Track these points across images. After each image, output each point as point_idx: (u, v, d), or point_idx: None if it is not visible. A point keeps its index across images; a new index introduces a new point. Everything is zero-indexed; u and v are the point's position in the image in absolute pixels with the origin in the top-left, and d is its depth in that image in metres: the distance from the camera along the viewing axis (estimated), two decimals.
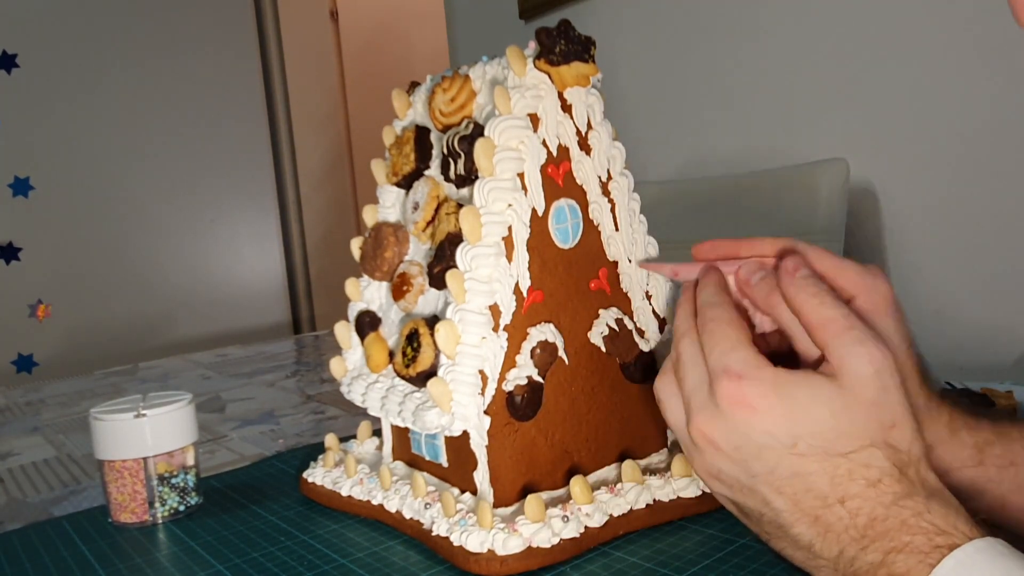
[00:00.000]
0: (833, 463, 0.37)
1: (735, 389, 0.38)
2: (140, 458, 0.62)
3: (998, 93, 1.11)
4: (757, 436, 0.38)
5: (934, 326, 1.22)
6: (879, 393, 0.37)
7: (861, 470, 0.36)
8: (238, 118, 2.74)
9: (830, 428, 0.37)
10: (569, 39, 0.54)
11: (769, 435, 0.38)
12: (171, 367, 1.37)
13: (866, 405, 0.37)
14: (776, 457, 0.38)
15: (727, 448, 0.39)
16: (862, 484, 0.36)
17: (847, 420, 0.37)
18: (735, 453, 0.39)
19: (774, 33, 1.38)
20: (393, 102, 0.64)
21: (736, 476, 0.39)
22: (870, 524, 0.35)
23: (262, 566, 0.53)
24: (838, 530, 0.36)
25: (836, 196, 1.14)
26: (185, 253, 2.64)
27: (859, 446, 0.37)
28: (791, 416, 0.37)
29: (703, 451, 0.40)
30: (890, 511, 0.35)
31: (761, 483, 0.38)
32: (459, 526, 0.51)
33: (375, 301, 0.63)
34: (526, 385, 0.52)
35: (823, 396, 0.37)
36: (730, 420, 0.39)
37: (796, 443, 0.37)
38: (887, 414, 0.37)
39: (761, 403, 0.38)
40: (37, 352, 2.38)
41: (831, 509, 0.36)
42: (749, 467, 0.38)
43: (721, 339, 0.40)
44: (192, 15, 2.62)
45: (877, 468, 0.36)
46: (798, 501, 0.37)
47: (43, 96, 2.36)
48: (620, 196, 0.58)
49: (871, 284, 0.44)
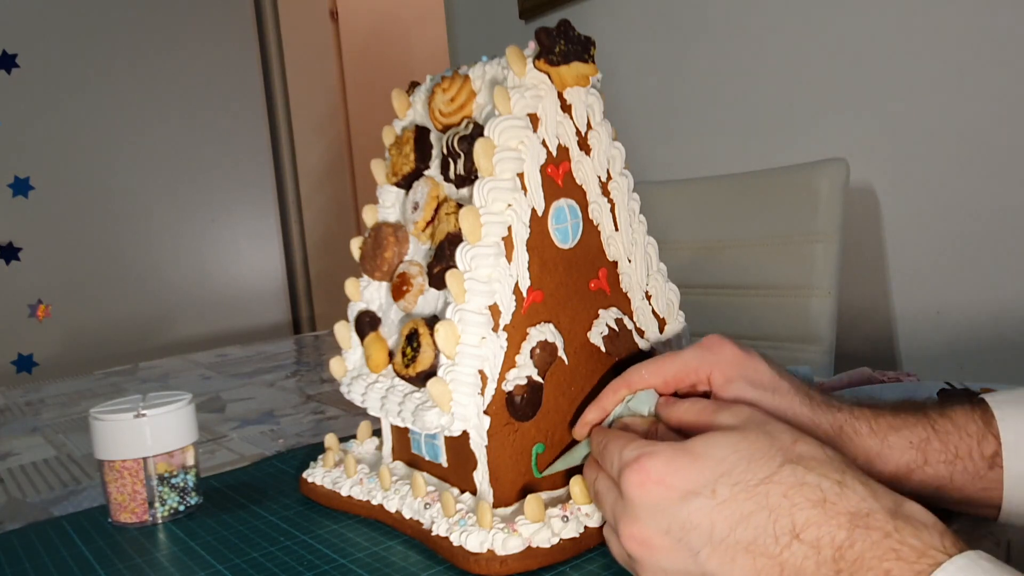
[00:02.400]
0: (762, 493, 0.36)
1: (637, 470, 0.38)
2: (140, 458, 0.62)
3: (998, 93, 1.11)
4: (677, 506, 0.37)
5: (934, 326, 1.22)
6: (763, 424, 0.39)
7: (796, 490, 0.35)
8: (238, 118, 2.74)
9: (737, 461, 0.37)
10: (569, 39, 0.54)
11: (687, 495, 0.37)
12: (171, 367, 1.37)
13: (760, 434, 0.38)
14: (706, 516, 0.36)
15: (660, 536, 0.38)
16: (807, 507, 0.35)
17: (749, 448, 0.37)
18: (668, 538, 0.37)
19: (774, 33, 1.38)
20: (393, 102, 0.64)
21: (685, 568, 0.37)
22: (839, 554, 0.33)
23: (262, 566, 0.53)
24: (810, 572, 0.34)
25: (836, 196, 1.14)
26: (185, 253, 2.64)
27: (775, 466, 0.36)
28: (698, 466, 0.37)
29: (641, 560, 0.39)
30: (854, 534, 0.33)
31: (708, 560, 0.36)
32: (459, 526, 0.51)
33: (375, 301, 0.63)
34: (526, 385, 0.52)
35: (719, 439, 0.38)
36: (646, 505, 0.38)
37: (715, 489, 0.36)
38: (783, 434, 0.38)
39: (665, 470, 0.38)
40: (37, 352, 2.38)
41: (790, 549, 0.34)
42: (689, 544, 0.37)
43: (612, 449, 0.42)
44: (192, 15, 2.62)
45: (813, 485, 0.35)
46: (754, 557, 0.35)
47: (43, 96, 2.36)
48: (620, 196, 0.58)
49: (713, 360, 0.48)
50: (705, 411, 0.42)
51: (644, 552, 0.38)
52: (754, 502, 0.35)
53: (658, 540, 0.38)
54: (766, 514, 0.35)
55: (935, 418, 0.44)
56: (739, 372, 0.47)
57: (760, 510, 0.35)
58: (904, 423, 0.44)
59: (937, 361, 1.21)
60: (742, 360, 0.48)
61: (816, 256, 1.14)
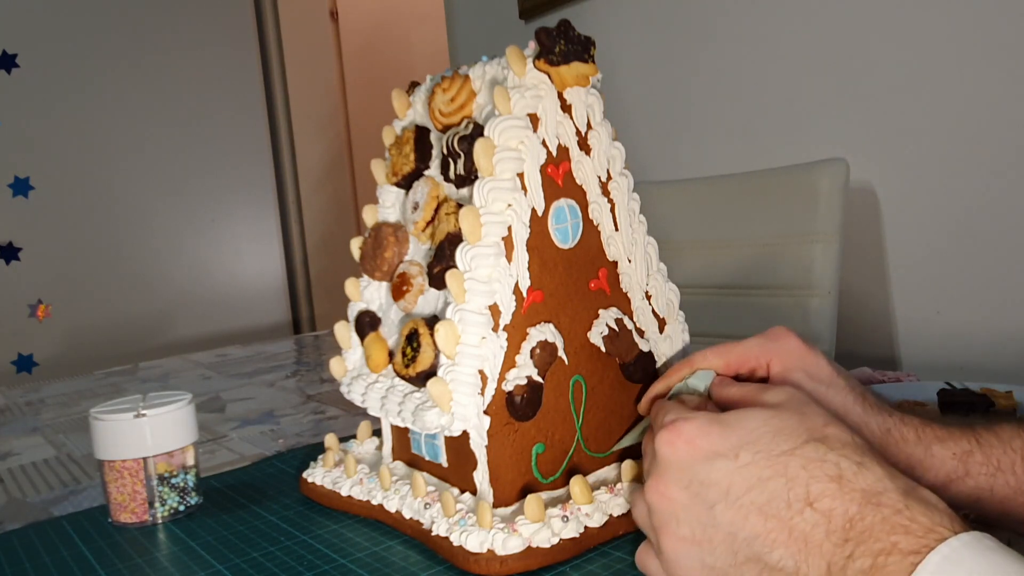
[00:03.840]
0: (782, 463, 0.37)
1: (671, 431, 0.41)
2: (140, 458, 0.62)
3: (998, 93, 1.11)
4: (701, 464, 0.39)
5: (934, 326, 1.22)
6: (801, 406, 0.41)
7: (815, 465, 0.37)
8: (238, 118, 2.74)
9: (765, 432, 0.39)
10: (569, 39, 0.54)
11: (712, 456, 0.39)
12: (171, 367, 1.37)
13: (794, 413, 0.40)
14: (726, 476, 0.38)
15: (678, 490, 0.40)
16: (823, 480, 0.36)
17: (779, 423, 0.39)
18: (686, 492, 0.39)
19: (774, 33, 1.38)
20: (393, 102, 0.64)
21: (698, 519, 0.39)
22: (848, 525, 0.34)
23: (262, 566, 0.53)
24: (818, 539, 0.35)
25: (836, 196, 1.14)
26: (185, 253, 2.63)
27: (800, 442, 0.38)
28: (727, 432, 0.39)
29: (658, 510, 0.41)
30: (865, 510, 0.34)
31: (721, 514, 0.38)
32: (459, 526, 0.51)
33: (375, 301, 0.63)
34: (526, 385, 0.52)
35: (753, 413, 0.41)
36: (673, 461, 0.40)
37: (738, 454, 0.38)
38: (817, 417, 0.40)
39: (697, 433, 0.40)
40: (37, 352, 2.38)
41: (802, 515, 0.35)
42: (705, 499, 0.38)
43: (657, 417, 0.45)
44: (192, 15, 2.62)
45: (832, 462, 0.36)
46: (765, 518, 0.36)
47: (43, 96, 2.36)
48: (620, 196, 0.58)
49: (775, 348, 0.50)
50: (751, 391, 0.45)
51: (663, 503, 0.40)
52: (773, 469, 0.37)
53: (677, 493, 0.40)
54: (783, 481, 0.37)
55: (981, 432, 0.45)
56: (799, 364, 0.49)
57: (777, 476, 0.37)
58: (950, 435, 0.46)
59: (937, 361, 1.21)
60: (803, 353, 0.50)
61: (816, 256, 1.14)
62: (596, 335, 0.56)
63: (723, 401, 0.47)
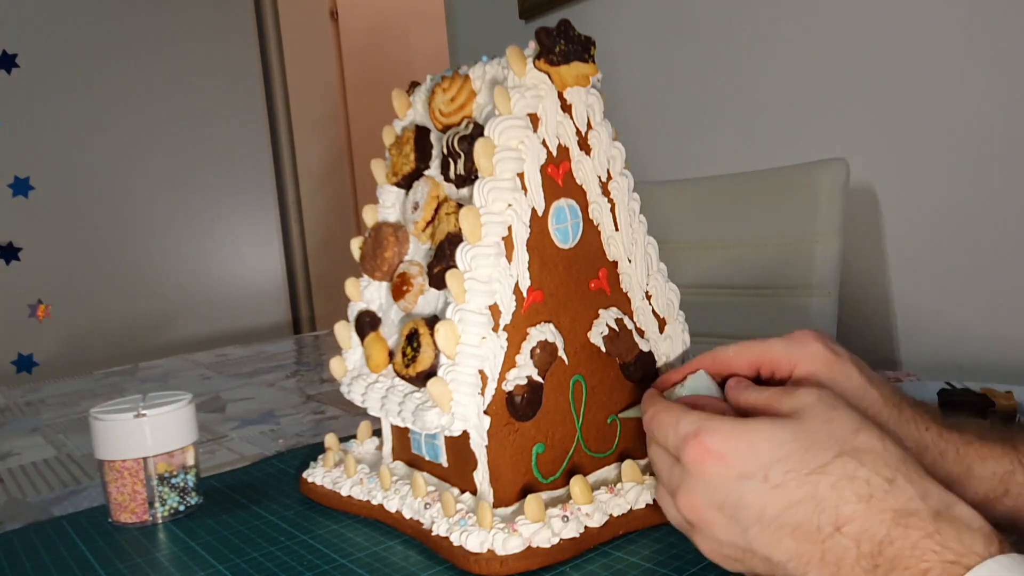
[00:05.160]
0: (812, 483, 0.37)
1: (697, 446, 0.40)
2: (140, 458, 0.62)
3: (998, 93, 1.11)
4: (733, 484, 0.38)
5: (934, 326, 1.22)
6: (829, 411, 0.39)
7: (845, 483, 0.36)
8: (238, 118, 2.74)
9: (795, 448, 0.38)
10: (569, 39, 0.54)
11: (743, 476, 0.38)
12: (171, 367, 1.37)
13: (822, 422, 0.39)
14: (758, 499, 0.38)
15: (714, 511, 0.39)
16: (853, 501, 0.35)
17: (808, 436, 0.38)
18: (722, 513, 0.39)
19: (774, 33, 1.38)
20: (393, 102, 0.64)
21: (734, 541, 0.39)
22: (878, 550, 0.34)
23: (262, 566, 0.53)
24: (849, 563, 0.35)
25: (836, 196, 1.14)
26: (185, 253, 2.64)
27: (830, 457, 0.37)
28: (755, 448, 0.38)
29: (699, 528, 0.41)
30: (894, 532, 0.34)
31: (756, 538, 0.38)
32: (459, 526, 0.51)
33: (375, 301, 0.63)
34: (526, 385, 0.52)
35: (780, 423, 0.39)
36: (705, 478, 0.39)
37: (767, 474, 0.37)
38: (846, 423, 0.39)
39: (725, 446, 0.39)
40: (37, 352, 2.38)
41: (833, 539, 0.35)
42: (740, 522, 0.38)
43: (667, 422, 0.43)
44: (192, 15, 2.62)
45: (863, 480, 0.36)
46: (798, 541, 0.37)
47: (43, 96, 2.36)
48: (620, 196, 0.57)
49: (799, 353, 0.48)
50: (774, 397, 0.43)
51: (701, 522, 0.40)
52: (803, 491, 0.37)
53: (712, 514, 0.39)
54: (813, 504, 0.36)
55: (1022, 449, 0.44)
56: (825, 372, 0.47)
57: (808, 499, 0.36)
58: (991, 452, 0.45)
59: (937, 361, 1.21)
60: (829, 360, 0.47)
61: (816, 256, 1.14)
62: (596, 335, 0.56)
63: (744, 408, 0.45)
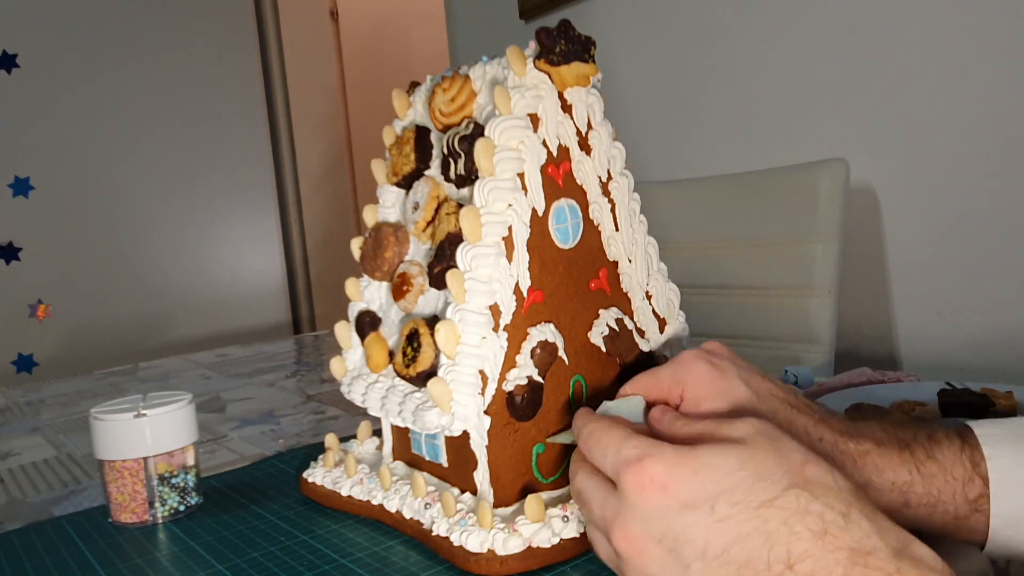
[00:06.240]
0: (761, 517, 0.34)
1: (639, 472, 0.36)
2: (140, 458, 0.62)
3: (998, 93, 1.11)
4: (675, 517, 0.35)
5: (934, 326, 1.22)
6: (773, 440, 0.37)
7: (797, 518, 0.33)
8: (238, 118, 2.74)
9: (742, 478, 0.35)
10: (569, 39, 0.54)
11: (686, 507, 0.35)
12: (171, 367, 1.37)
13: (769, 451, 0.36)
14: (702, 533, 0.35)
15: (652, 544, 0.36)
16: (807, 537, 0.33)
17: (756, 466, 0.35)
18: (660, 547, 0.36)
19: (774, 33, 1.38)
20: (393, 102, 0.64)
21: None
22: None
23: (262, 566, 0.53)
24: None
25: (836, 196, 1.14)
26: (185, 253, 2.64)
27: (780, 489, 0.34)
28: (701, 478, 0.35)
29: (630, 562, 0.37)
30: (851, 572, 0.32)
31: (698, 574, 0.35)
32: (459, 526, 0.51)
33: (375, 301, 0.63)
34: (526, 385, 0.52)
35: (726, 450, 0.36)
36: (644, 509, 0.36)
37: (714, 506, 0.35)
38: (793, 454, 0.36)
39: (669, 477, 0.36)
40: (37, 352, 2.38)
41: None
42: (681, 557, 0.35)
43: (608, 442, 0.39)
44: (192, 15, 2.62)
45: (816, 515, 0.33)
46: None
47: (43, 96, 2.36)
48: (620, 196, 0.58)
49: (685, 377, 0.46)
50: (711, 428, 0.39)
51: (634, 555, 0.37)
52: (752, 525, 0.34)
53: (650, 547, 0.36)
54: (763, 539, 0.34)
55: (921, 459, 0.43)
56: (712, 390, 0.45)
57: (757, 534, 0.34)
58: (888, 462, 0.43)
59: (937, 361, 1.21)
60: (714, 378, 0.45)
61: (816, 256, 1.14)
62: (596, 335, 0.56)
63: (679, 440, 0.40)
